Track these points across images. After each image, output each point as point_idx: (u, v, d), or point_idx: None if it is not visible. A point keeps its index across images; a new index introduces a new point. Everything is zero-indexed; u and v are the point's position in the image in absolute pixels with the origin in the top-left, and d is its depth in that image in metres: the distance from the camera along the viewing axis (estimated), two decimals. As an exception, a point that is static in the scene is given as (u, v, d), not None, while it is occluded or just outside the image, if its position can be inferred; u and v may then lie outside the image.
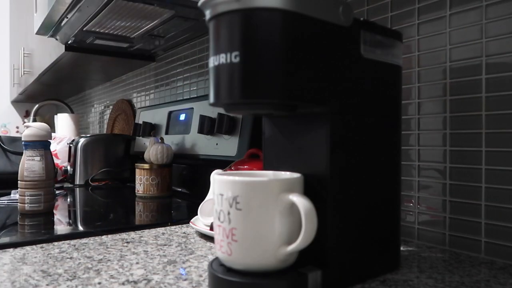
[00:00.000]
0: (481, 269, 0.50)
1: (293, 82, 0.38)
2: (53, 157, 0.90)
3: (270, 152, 0.49)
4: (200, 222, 0.68)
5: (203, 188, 0.99)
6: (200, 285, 0.44)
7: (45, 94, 2.40)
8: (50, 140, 0.85)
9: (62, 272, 0.48)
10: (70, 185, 1.30)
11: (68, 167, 1.36)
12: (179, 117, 1.14)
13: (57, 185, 1.25)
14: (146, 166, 1.03)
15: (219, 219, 0.42)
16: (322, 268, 0.42)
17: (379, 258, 0.48)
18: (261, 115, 0.49)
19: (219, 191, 0.41)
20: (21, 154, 1.13)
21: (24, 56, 2.01)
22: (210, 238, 0.63)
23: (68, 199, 1.04)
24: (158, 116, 1.24)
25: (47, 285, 0.44)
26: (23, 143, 0.83)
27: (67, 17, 1.06)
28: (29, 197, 0.81)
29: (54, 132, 1.93)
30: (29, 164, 0.82)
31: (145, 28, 1.09)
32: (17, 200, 0.85)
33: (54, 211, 0.85)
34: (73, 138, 1.44)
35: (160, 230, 0.70)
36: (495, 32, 0.54)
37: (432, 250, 0.58)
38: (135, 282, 0.45)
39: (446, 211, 0.59)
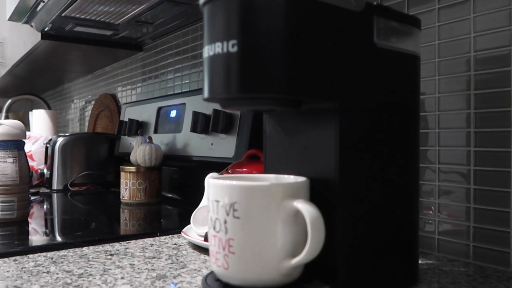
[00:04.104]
0: (510, 285, 0.50)
1: (297, 74, 0.37)
2: (28, 158, 0.90)
3: (271, 153, 0.49)
4: (193, 232, 0.68)
5: (196, 194, 0.99)
6: (193, 303, 0.44)
7: (18, 88, 2.40)
8: (24, 140, 0.85)
9: (37, 288, 0.48)
10: (47, 190, 1.30)
11: (45, 170, 1.36)
12: (170, 113, 1.14)
13: (32, 190, 1.25)
14: (133, 169, 1.03)
15: (214, 228, 0.41)
16: (331, 283, 0.42)
17: (395, 272, 0.48)
18: (261, 111, 0.49)
19: (215, 197, 0.41)
20: (-9, 155, 1.13)
21: (-5, 45, 2.02)
22: (205, 250, 0.64)
23: (45, 206, 1.04)
24: (145, 113, 1.24)
25: (20, 303, 0.44)
26: (-6, 143, 0.83)
27: (44, 1, 1.06)
28: (0, 204, 0.81)
29: (29, 130, 1.93)
30: (0, 167, 0.82)
31: (131, 14, 1.09)
32: (-13, 207, 0.85)
33: (29, 220, 0.85)
34: (50, 137, 1.44)
35: (148, 241, 0.70)
36: (525, 18, 0.54)
37: (454, 264, 0.58)
38: (120, 300, 0.45)
39: (470, 219, 0.59)
